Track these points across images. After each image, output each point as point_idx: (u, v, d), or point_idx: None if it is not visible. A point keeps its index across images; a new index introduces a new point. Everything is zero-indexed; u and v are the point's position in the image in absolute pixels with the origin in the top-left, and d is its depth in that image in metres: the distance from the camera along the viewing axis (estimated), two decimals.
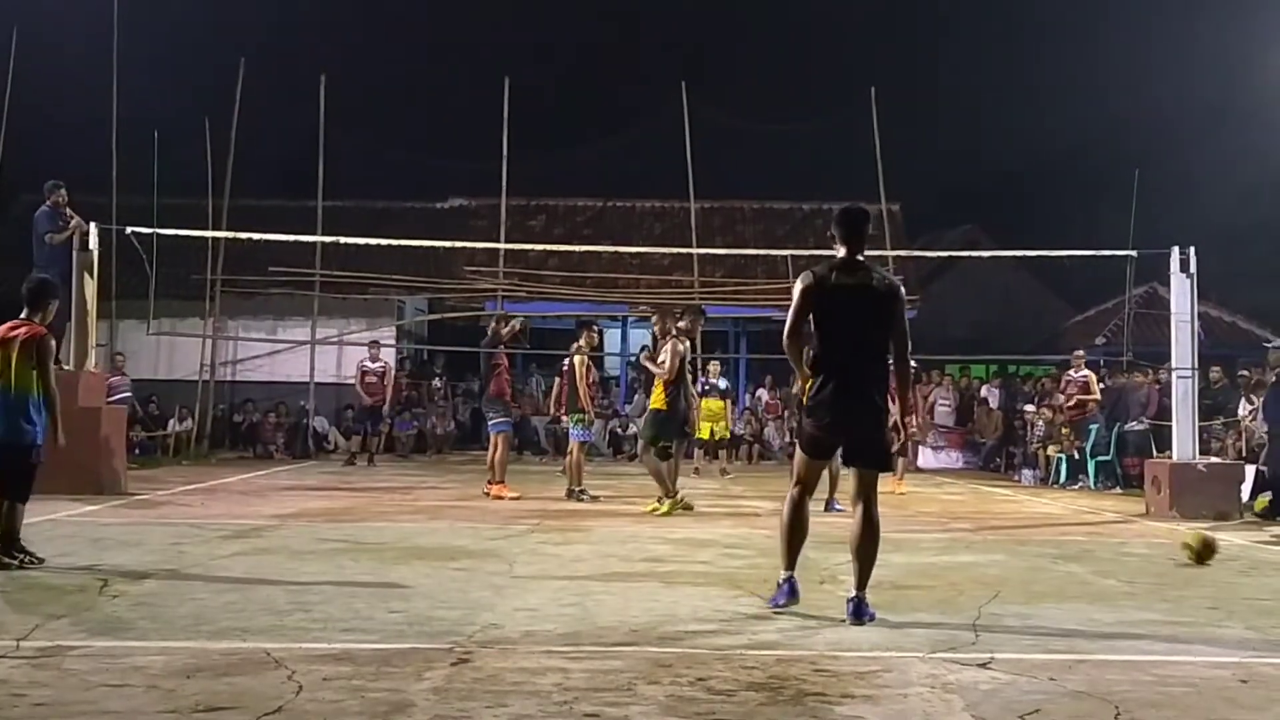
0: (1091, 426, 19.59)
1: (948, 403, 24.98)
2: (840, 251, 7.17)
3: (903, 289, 7.22)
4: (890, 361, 7.11)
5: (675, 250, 24.33)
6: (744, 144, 35.71)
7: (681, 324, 13.91)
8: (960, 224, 34.54)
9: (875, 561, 7.02)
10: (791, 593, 7.14)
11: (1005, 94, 43.41)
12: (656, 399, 13.50)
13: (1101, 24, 38.83)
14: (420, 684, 5.27)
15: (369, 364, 22.08)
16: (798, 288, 7.11)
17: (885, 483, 17.31)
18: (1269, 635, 6.84)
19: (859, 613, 6.87)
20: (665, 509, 13.10)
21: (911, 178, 30.89)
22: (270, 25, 33.41)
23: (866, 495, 7.05)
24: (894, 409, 7.85)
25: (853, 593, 6.97)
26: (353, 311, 26.17)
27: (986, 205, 36.86)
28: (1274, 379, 14.82)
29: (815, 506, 11.75)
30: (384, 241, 18.83)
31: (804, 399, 7.24)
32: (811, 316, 7.08)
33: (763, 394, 26.49)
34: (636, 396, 24.54)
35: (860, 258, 7.14)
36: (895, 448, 7.33)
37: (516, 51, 45.08)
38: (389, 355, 23.83)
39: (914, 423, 18.39)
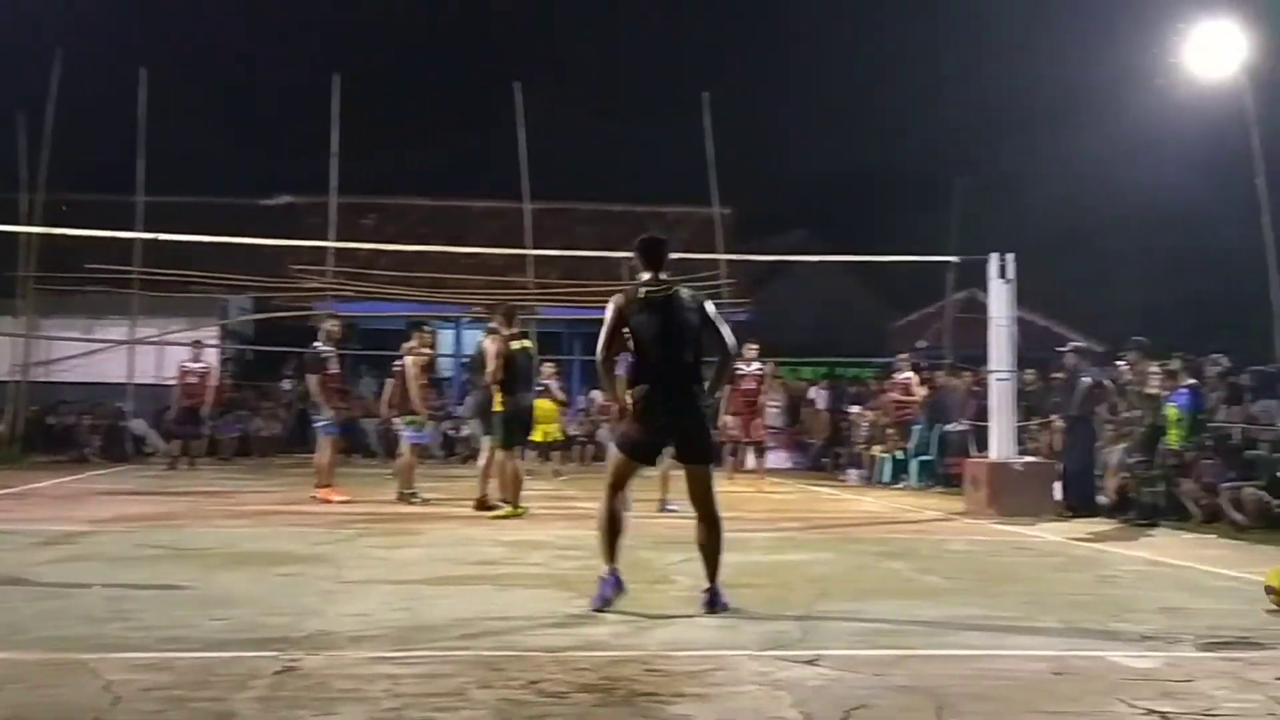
0: (914, 427, 20.12)
1: (777, 404, 25.38)
2: (645, 275, 7.53)
3: (709, 302, 7.57)
4: (709, 365, 7.49)
5: (510, 251, 24.21)
6: (580, 146, 35.76)
7: (492, 324, 13.87)
8: (792, 228, 35.14)
9: (722, 553, 7.35)
10: (617, 585, 7.23)
11: (838, 101, 44.33)
12: (495, 402, 13.41)
13: (928, 33, 39.98)
14: (244, 693, 5.13)
15: (190, 364, 21.44)
16: (610, 308, 7.41)
17: (752, 483, 17.69)
18: (1082, 628, 7.11)
19: (713, 603, 7.20)
20: (503, 513, 13.02)
21: (745, 182, 31.27)
22: (89, 15, 32.22)
23: (704, 492, 7.39)
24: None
25: (706, 585, 7.29)
26: (174, 310, 25.37)
27: (818, 210, 37.59)
28: (1087, 380, 15.37)
29: (648, 507, 11.85)
30: (207, 238, 18.27)
31: (628, 405, 7.42)
32: (630, 335, 7.35)
33: (596, 395, 26.53)
34: (468, 398, 24.34)
35: (664, 276, 7.49)
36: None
37: (348, 47, 44.36)
38: (212, 356, 23.18)
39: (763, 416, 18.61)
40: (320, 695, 5.12)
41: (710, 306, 7.53)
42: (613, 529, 7.33)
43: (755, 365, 18.21)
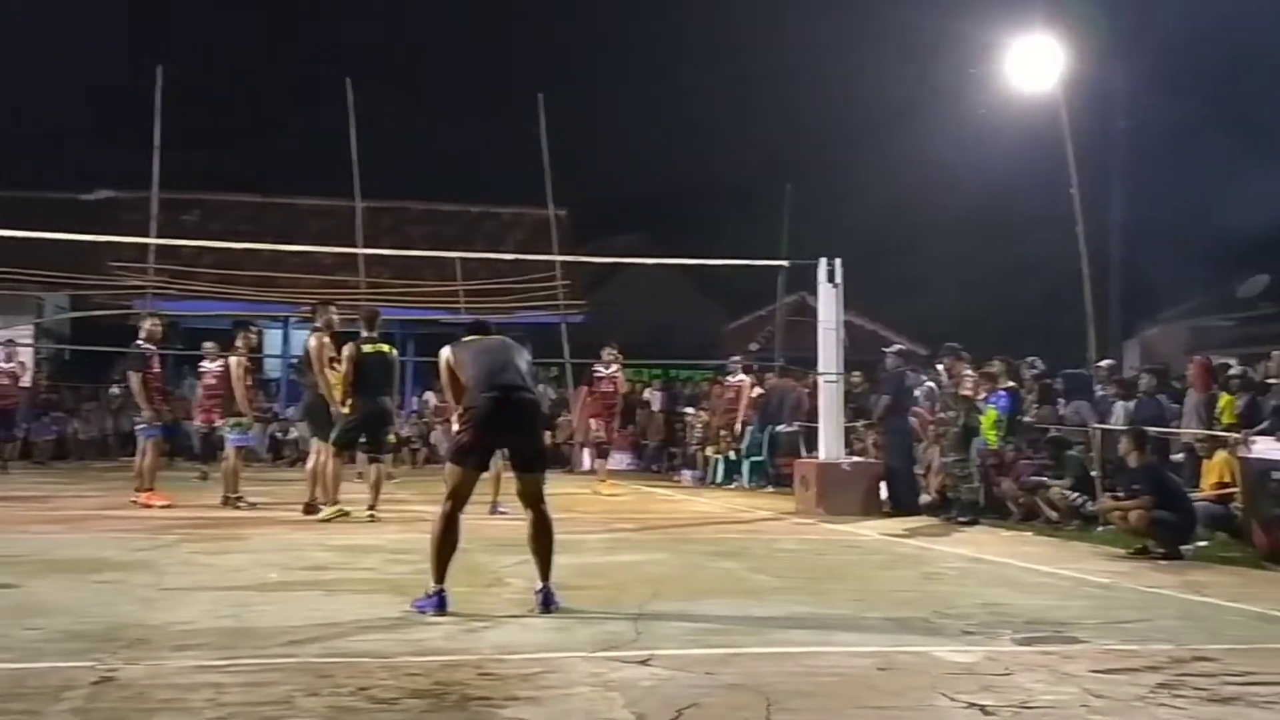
0: (747, 429, 20.39)
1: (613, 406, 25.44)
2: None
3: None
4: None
5: (340, 250, 23.79)
6: (413, 144, 35.38)
7: (318, 323, 13.64)
8: (628, 231, 35.30)
9: (554, 553, 7.41)
10: (440, 605, 7.16)
11: (674, 106, 44.72)
12: (345, 405, 13.17)
13: (762, 41, 40.61)
14: (59, 705, 4.92)
15: (2, 364, 20.54)
16: (442, 360, 7.68)
17: (593, 485, 17.62)
18: (906, 624, 7.29)
19: (548, 602, 7.27)
20: (327, 515, 12.78)
21: (581, 184, 31.33)
22: None
23: (535, 496, 7.44)
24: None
25: (539, 585, 7.34)
26: None
27: (653, 213, 37.81)
28: (886, 398, 15.69)
29: (480, 510, 11.76)
30: (21, 233, 17.50)
31: (461, 412, 7.49)
32: (462, 372, 7.54)
33: (430, 397, 26.25)
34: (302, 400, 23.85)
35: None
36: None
37: (173, 39, 43.07)
38: (26, 355, 22.24)
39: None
40: (140, 706, 4.95)
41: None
42: (444, 545, 7.27)
43: (614, 368, 18.16)
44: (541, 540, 7.37)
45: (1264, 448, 11.27)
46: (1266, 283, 27.75)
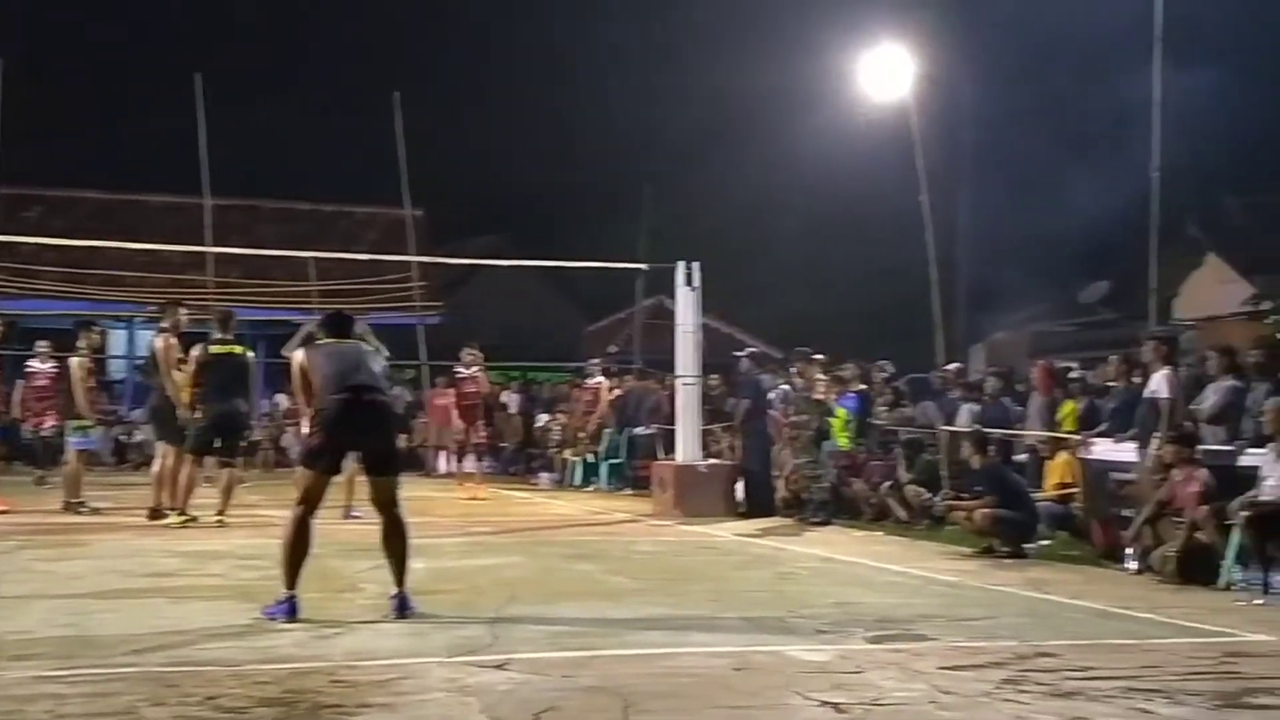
0: (605, 431, 20.41)
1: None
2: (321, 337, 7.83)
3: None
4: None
5: (188, 248, 23.18)
6: (264, 141, 34.67)
7: (165, 323, 13.28)
8: (486, 232, 35.11)
9: (409, 558, 7.33)
10: (291, 612, 7.03)
11: (532, 106, 44.61)
12: (192, 408, 12.81)
13: (621, 44, 40.73)
14: None
15: None
16: (294, 362, 7.56)
17: (467, 490, 17.34)
18: (761, 624, 7.37)
19: (402, 607, 7.19)
20: (174, 523, 12.43)
21: (437, 184, 31.03)
22: None
23: (389, 500, 7.36)
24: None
25: (394, 590, 7.26)
26: None
27: (512, 215, 37.70)
28: (746, 402, 15.83)
29: (333, 514, 11.56)
30: None
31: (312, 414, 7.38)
32: (314, 374, 7.42)
33: (281, 399, 25.73)
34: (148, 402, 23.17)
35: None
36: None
37: (13, 29, 41.50)
38: None
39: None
40: None
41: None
42: (296, 551, 7.14)
43: (475, 369, 17.93)
44: (395, 544, 7.29)
45: (1103, 449, 11.66)
46: (1106, 289, 28.77)
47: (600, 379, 20.85)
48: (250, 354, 13.57)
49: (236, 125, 27.31)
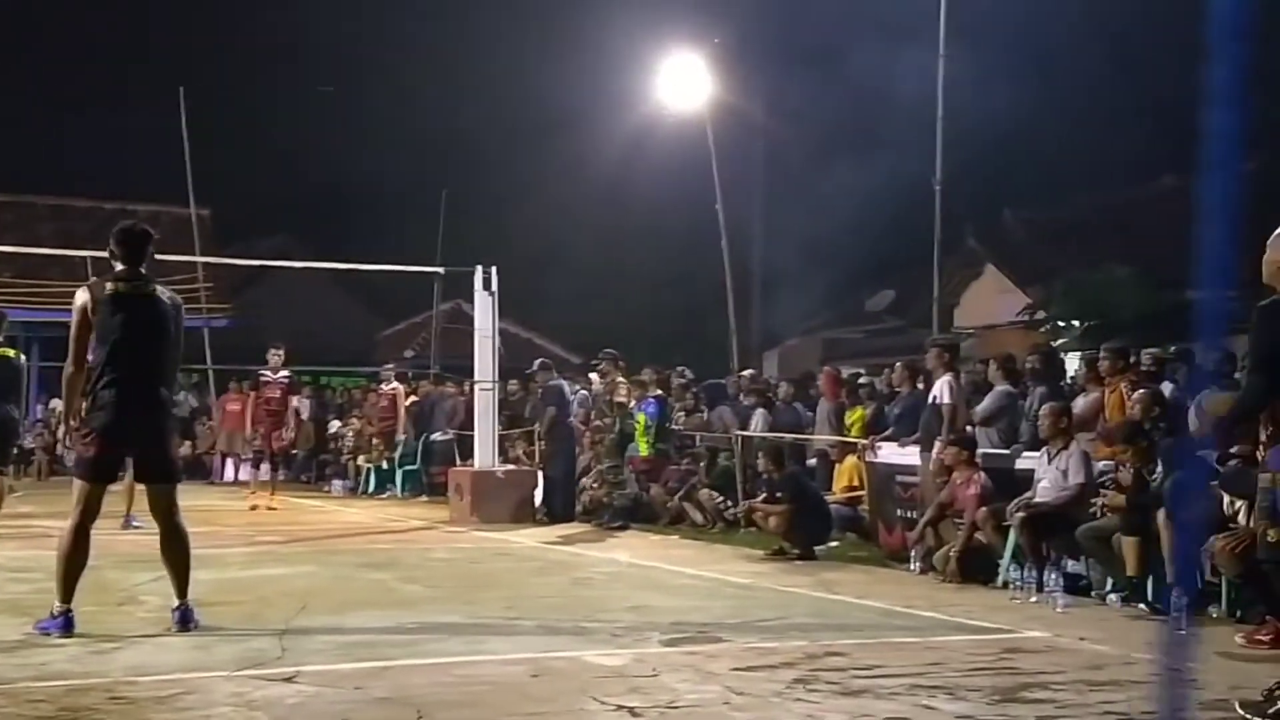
0: (400, 437, 20.11)
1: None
2: (119, 267, 7.05)
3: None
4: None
5: None
6: (39, 135, 33.13)
7: None
8: (275, 233, 34.27)
9: (190, 568, 7.05)
10: (67, 626, 6.71)
11: (325, 105, 43.68)
12: None
13: (417, 43, 40.23)
14: None
15: None
16: (76, 305, 6.93)
17: (260, 499, 16.69)
18: (558, 630, 7.35)
19: (185, 620, 6.92)
20: None
21: (224, 183, 30.14)
22: None
23: (167, 508, 7.06)
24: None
25: (175, 602, 6.98)
26: None
27: (301, 216, 36.85)
28: (552, 410, 15.82)
29: (112, 524, 11.09)
30: None
31: (79, 418, 6.94)
32: (96, 335, 6.89)
33: (56, 405, 24.59)
34: None
35: (143, 270, 7.06)
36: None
37: None
38: None
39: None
40: None
41: (182, 311, 7.26)
42: (72, 563, 6.81)
43: (282, 373, 17.32)
44: (175, 554, 7.00)
45: (889, 453, 12.02)
46: (892, 297, 29.75)
47: (395, 384, 20.54)
48: (23, 358, 12.88)
49: (9, 117, 26.02)
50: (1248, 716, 5.19)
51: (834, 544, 11.94)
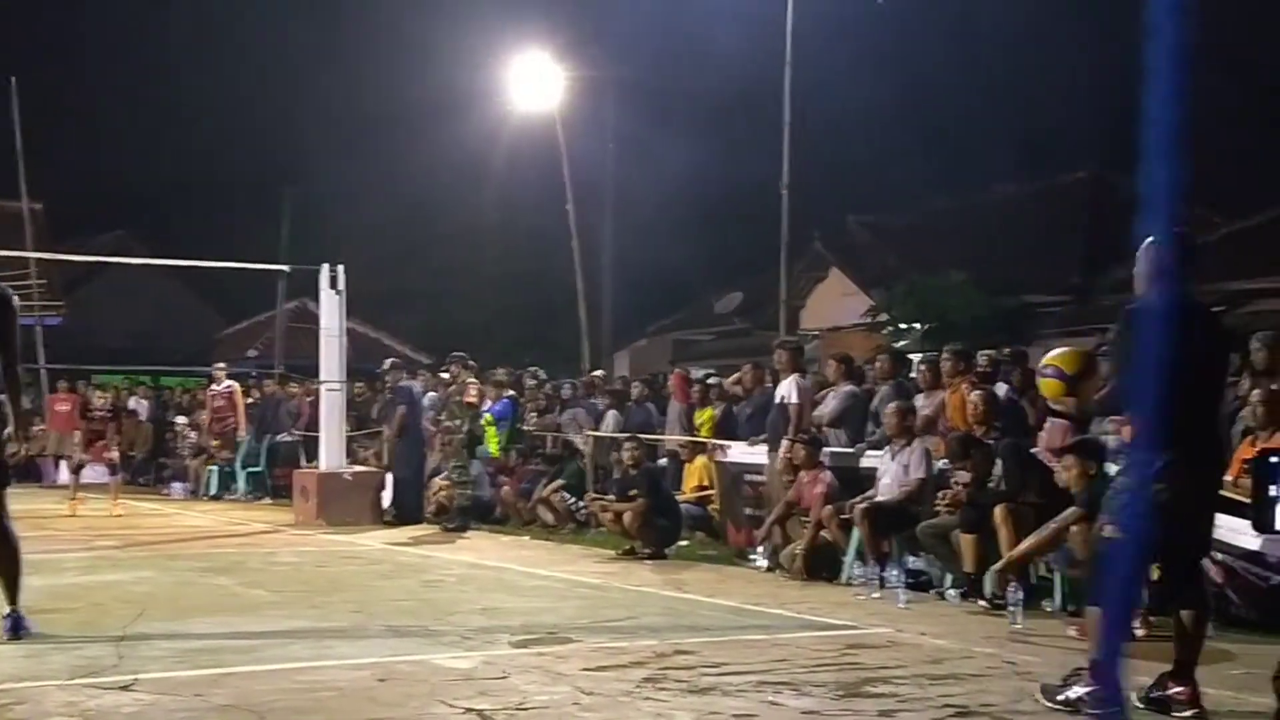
0: (242, 438, 19.66)
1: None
2: None
3: (15, 298, 6.96)
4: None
5: None
6: None
7: None
8: (111, 229, 33.24)
9: (20, 574, 6.82)
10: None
11: (166, 99, 42.40)
12: None
13: (263, 40, 39.36)
14: None
15: None
16: None
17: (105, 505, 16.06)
18: (407, 634, 7.27)
19: (16, 628, 6.70)
20: None
21: (59, 177, 29.14)
22: None
23: None
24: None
25: (6, 609, 6.77)
26: None
27: (139, 211, 35.78)
28: (402, 408, 15.67)
29: None
30: None
31: None
32: None
33: None
34: None
35: None
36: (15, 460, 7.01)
37: None
38: None
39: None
40: None
41: (15, 305, 6.96)
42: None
43: (226, 384, 16.78)
44: (5, 559, 6.75)
45: (737, 453, 12.17)
46: (740, 300, 30.13)
47: (230, 383, 20.02)
48: None
49: None
50: (1044, 700, 5.42)
51: (684, 543, 12.04)
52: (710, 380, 15.12)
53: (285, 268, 19.04)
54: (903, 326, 21.84)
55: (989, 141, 30.80)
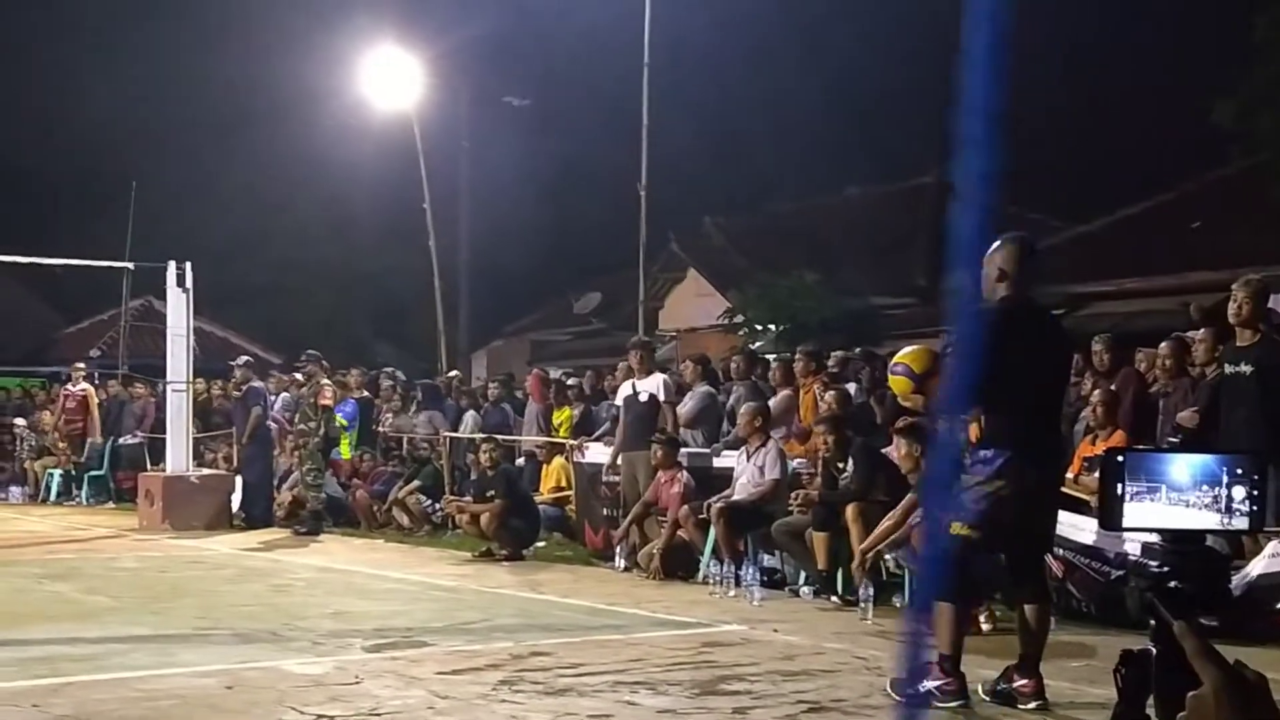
0: (95, 440, 19.06)
1: None
2: None
3: None
4: None
5: None
6: None
7: None
8: None
9: None
10: None
11: None
12: None
13: (100, 29, 38.09)
14: None
15: None
16: None
17: None
18: (254, 640, 7.11)
19: None
20: None
21: None
22: None
23: None
24: None
25: None
26: None
27: None
28: (259, 410, 15.36)
29: None
30: None
31: None
32: None
33: None
34: None
35: None
36: None
37: None
38: None
39: None
40: None
41: None
42: None
43: (82, 385, 16.08)
44: None
45: (595, 454, 12.16)
46: (599, 300, 30.17)
47: (85, 385, 19.43)
48: None
49: None
50: (894, 694, 5.54)
51: (541, 544, 11.99)
52: (569, 381, 15.13)
53: (130, 265, 18.52)
54: (758, 328, 22.09)
55: (841, 146, 31.32)
